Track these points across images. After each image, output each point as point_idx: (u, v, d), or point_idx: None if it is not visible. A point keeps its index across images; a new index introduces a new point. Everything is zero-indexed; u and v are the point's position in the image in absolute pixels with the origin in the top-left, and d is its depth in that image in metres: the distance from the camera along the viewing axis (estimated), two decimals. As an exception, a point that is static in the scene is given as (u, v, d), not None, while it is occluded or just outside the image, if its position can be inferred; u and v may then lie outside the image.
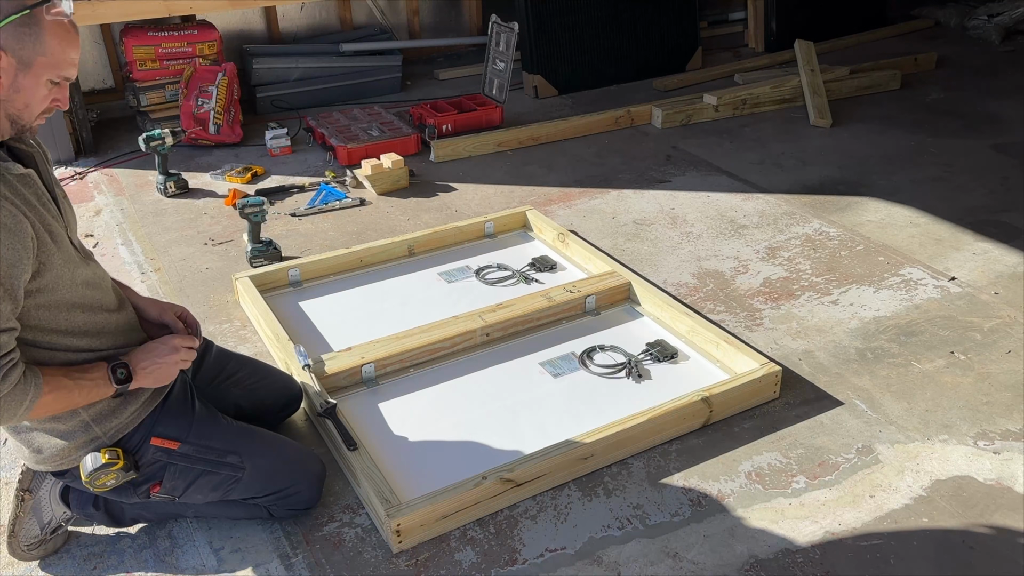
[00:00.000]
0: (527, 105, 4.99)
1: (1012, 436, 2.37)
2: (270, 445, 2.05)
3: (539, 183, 4.01)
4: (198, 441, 1.91)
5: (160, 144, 3.82)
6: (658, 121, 4.65)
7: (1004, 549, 2.01)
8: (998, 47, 5.95)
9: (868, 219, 3.59)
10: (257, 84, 4.86)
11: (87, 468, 1.80)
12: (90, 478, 1.80)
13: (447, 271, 3.19)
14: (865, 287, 3.10)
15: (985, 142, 4.36)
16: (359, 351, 2.58)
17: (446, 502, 2.04)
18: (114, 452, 1.82)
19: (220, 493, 1.96)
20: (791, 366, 2.67)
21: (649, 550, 2.02)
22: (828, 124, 4.60)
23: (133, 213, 3.74)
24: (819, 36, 5.73)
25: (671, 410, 2.33)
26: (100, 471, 1.80)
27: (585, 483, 2.22)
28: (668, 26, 5.40)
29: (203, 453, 1.91)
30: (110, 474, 1.81)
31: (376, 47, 5.26)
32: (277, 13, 5.20)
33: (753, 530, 2.07)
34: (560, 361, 2.68)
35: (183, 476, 1.91)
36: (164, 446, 1.87)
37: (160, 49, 4.45)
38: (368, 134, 4.31)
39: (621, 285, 2.96)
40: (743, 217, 3.64)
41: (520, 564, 1.99)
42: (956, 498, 2.16)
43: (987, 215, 3.61)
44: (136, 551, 2.04)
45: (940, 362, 2.69)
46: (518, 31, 4.49)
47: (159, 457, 1.88)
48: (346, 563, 2.00)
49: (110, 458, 1.81)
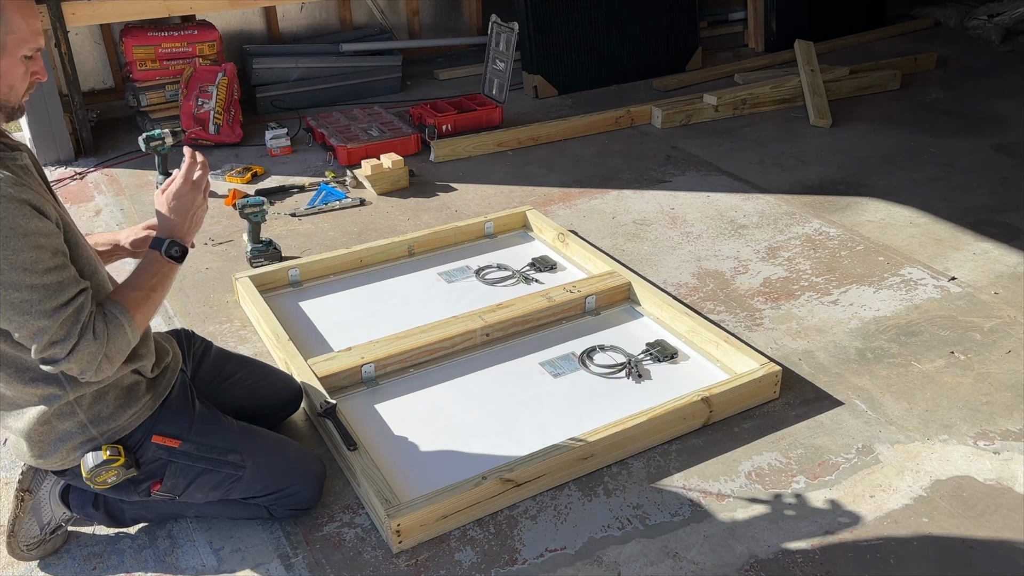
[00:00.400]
0: (527, 105, 5.00)
1: (1012, 436, 2.37)
2: (271, 445, 2.05)
3: (539, 183, 4.01)
4: (199, 439, 1.91)
5: (160, 144, 3.82)
6: (658, 121, 4.65)
7: (1004, 549, 2.01)
8: (998, 47, 5.95)
9: (868, 219, 3.59)
10: (257, 84, 4.86)
11: (88, 465, 1.80)
12: (91, 475, 1.80)
13: (447, 271, 3.20)
14: (865, 287, 3.10)
15: (985, 142, 4.36)
16: (359, 351, 2.58)
17: (446, 502, 2.04)
18: (115, 449, 1.82)
19: (221, 492, 1.96)
20: (791, 366, 2.67)
21: (649, 550, 2.02)
22: (828, 124, 4.60)
23: (133, 213, 3.74)
24: (819, 36, 5.74)
25: (671, 410, 2.33)
26: (101, 468, 1.80)
27: (585, 483, 2.22)
28: (668, 26, 5.40)
29: (204, 452, 1.91)
30: (111, 471, 1.81)
31: (376, 47, 5.27)
32: (277, 13, 5.20)
33: (753, 530, 2.07)
34: (560, 361, 2.68)
35: (184, 474, 1.91)
36: (165, 444, 1.87)
37: (160, 49, 4.45)
38: (368, 134, 4.31)
39: (621, 285, 2.96)
40: (743, 217, 3.64)
41: (520, 564, 1.99)
42: (956, 498, 2.16)
43: (987, 215, 3.61)
44: (136, 551, 2.04)
45: (940, 362, 2.69)
46: (518, 31, 4.49)
47: (160, 455, 1.88)
48: (346, 563, 2.00)
49: (111, 455, 1.81)
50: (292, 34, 5.34)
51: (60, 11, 4.07)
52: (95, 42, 4.83)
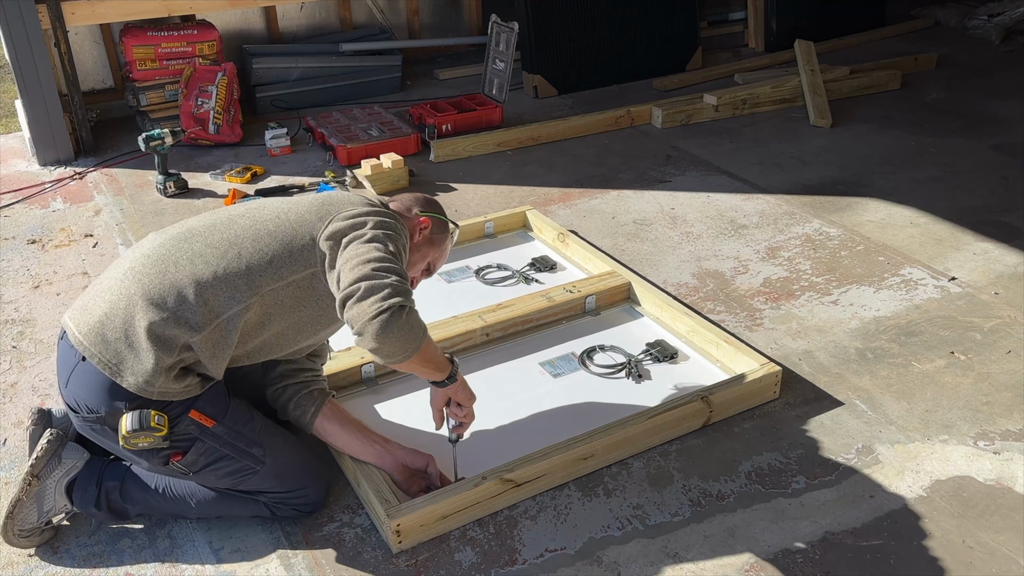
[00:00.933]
0: (527, 105, 4.99)
1: (1012, 436, 2.36)
2: (292, 445, 2.09)
3: (539, 183, 4.01)
4: (232, 425, 1.96)
5: (160, 144, 3.82)
6: (658, 121, 4.65)
7: (1004, 549, 2.01)
8: (998, 47, 5.95)
9: (868, 219, 3.59)
10: (257, 84, 4.86)
11: (132, 424, 1.82)
12: (130, 434, 1.82)
13: (447, 271, 3.19)
14: (865, 287, 3.10)
15: (985, 142, 4.36)
16: (359, 351, 2.58)
17: (446, 502, 2.04)
18: (162, 419, 1.85)
19: (232, 481, 1.98)
20: (791, 366, 2.67)
21: (649, 550, 2.02)
22: (828, 124, 4.60)
23: (133, 213, 3.74)
24: (819, 36, 5.73)
25: (671, 410, 2.33)
26: (141, 432, 1.83)
27: (585, 483, 2.21)
28: (668, 26, 5.40)
29: (233, 438, 1.95)
30: (149, 437, 1.84)
31: (376, 47, 5.26)
32: (277, 13, 5.20)
33: (753, 530, 2.07)
34: (560, 361, 2.68)
35: (207, 454, 1.93)
36: (200, 421, 1.91)
37: (160, 49, 4.45)
38: (368, 134, 4.31)
39: (621, 285, 2.96)
40: (743, 217, 3.64)
41: (520, 564, 1.99)
42: (956, 498, 2.16)
43: (987, 215, 3.61)
44: (136, 551, 2.04)
45: (940, 362, 2.69)
46: (518, 31, 4.49)
47: (192, 431, 1.91)
48: (346, 563, 2.00)
49: (158, 423, 1.84)
50: (292, 34, 5.33)
51: (60, 11, 4.07)
52: (95, 42, 4.83)
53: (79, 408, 1.89)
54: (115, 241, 3.51)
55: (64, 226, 3.64)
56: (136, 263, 1.93)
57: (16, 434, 2.42)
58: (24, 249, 3.45)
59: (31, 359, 2.76)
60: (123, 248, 3.45)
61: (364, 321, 1.78)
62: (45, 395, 2.59)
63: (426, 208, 2.23)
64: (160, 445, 1.87)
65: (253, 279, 1.90)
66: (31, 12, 3.96)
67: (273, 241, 1.94)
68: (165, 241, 1.96)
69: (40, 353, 2.79)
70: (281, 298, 1.94)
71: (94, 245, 3.47)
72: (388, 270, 1.84)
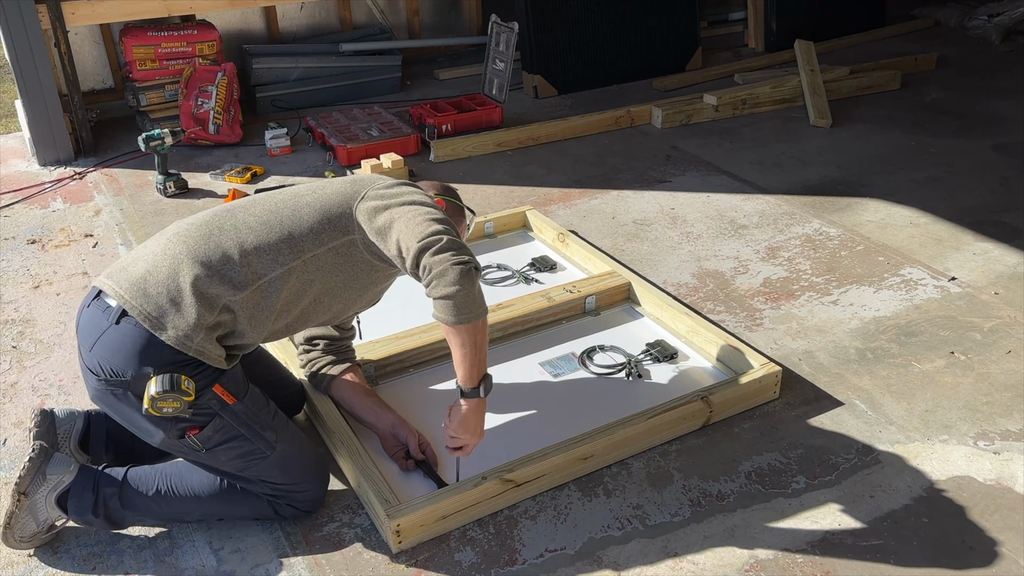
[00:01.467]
0: (527, 105, 4.99)
1: (1012, 436, 2.37)
2: (298, 439, 2.12)
3: (539, 183, 4.01)
4: (251, 406, 1.99)
5: (160, 144, 3.82)
6: (658, 121, 4.65)
7: (1004, 549, 2.01)
8: (998, 47, 5.95)
9: (868, 219, 3.59)
10: (257, 84, 4.86)
11: (163, 385, 1.83)
12: (157, 396, 1.82)
13: (447, 271, 3.19)
14: (865, 287, 3.10)
15: (985, 142, 4.36)
16: (359, 351, 2.58)
17: (446, 502, 2.04)
18: (191, 384, 1.86)
19: (242, 463, 1.99)
20: (791, 366, 2.67)
21: (649, 550, 2.02)
22: (828, 124, 4.60)
23: (133, 213, 3.74)
24: (819, 36, 5.73)
25: (671, 410, 2.33)
26: (170, 394, 1.83)
27: (585, 483, 2.21)
28: (668, 26, 5.40)
29: (250, 419, 1.97)
30: (176, 402, 1.84)
31: (376, 47, 5.26)
32: (277, 13, 5.20)
33: (753, 530, 2.07)
34: (560, 361, 2.68)
35: (223, 431, 1.94)
36: (223, 397, 1.93)
37: (160, 49, 4.45)
38: (368, 134, 4.31)
39: (621, 285, 2.96)
40: (743, 217, 3.64)
41: (520, 564, 1.99)
42: (956, 498, 2.16)
43: (987, 215, 3.61)
44: (136, 551, 2.04)
45: (940, 362, 2.69)
46: (518, 31, 4.49)
47: (212, 405, 1.92)
48: (346, 563, 2.00)
49: (187, 387, 1.85)
50: (292, 34, 5.33)
51: (60, 11, 4.07)
52: (95, 42, 4.83)
53: (102, 372, 1.88)
54: (115, 241, 3.51)
55: (64, 226, 3.64)
56: (181, 229, 2.00)
57: (16, 434, 2.42)
58: (24, 249, 3.45)
59: (31, 359, 2.76)
60: (123, 248, 3.45)
61: (448, 265, 1.86)
62: (45, 395, 2.59)
63: (443, 193, 2.30)
64: (184, 413, 1.88)
65: (295, 244, 1.98)
66: (31, 12, 3.96)
67: (312, 211, 2.02)
68: (207, 214, 2.04)
69: (40, 353, 2.79)
70: (321, 263, 2.01)
71: (94, 245, 3.47)
72: (456, 235, 1.95)
